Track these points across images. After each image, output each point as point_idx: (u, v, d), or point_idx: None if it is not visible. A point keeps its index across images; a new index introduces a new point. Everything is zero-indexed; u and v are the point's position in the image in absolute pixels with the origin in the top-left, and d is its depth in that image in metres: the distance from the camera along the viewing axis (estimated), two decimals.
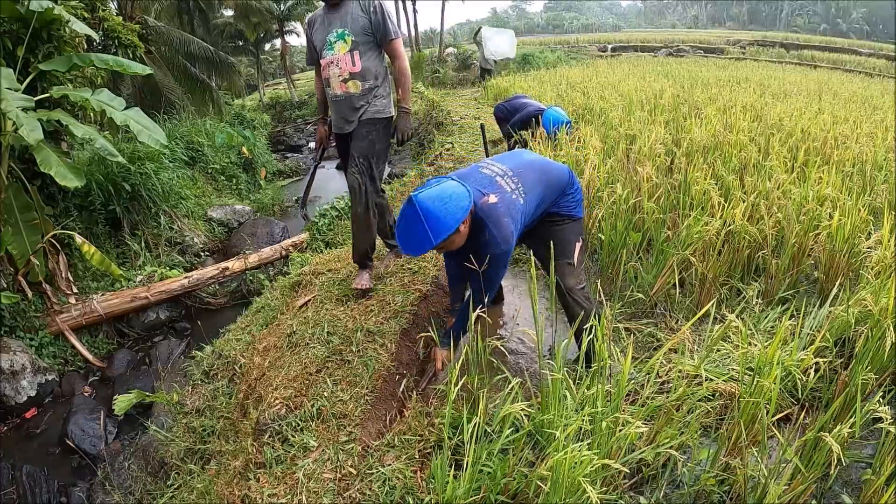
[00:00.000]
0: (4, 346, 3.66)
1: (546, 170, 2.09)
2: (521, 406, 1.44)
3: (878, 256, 2.34)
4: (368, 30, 2.53)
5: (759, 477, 1.42)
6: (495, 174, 1.96)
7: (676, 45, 23.16)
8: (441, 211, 1.72)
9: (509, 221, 1.82)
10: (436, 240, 1.71)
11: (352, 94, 2.61)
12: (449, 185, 1.80)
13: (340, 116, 2.71)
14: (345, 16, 2.54)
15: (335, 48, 2.57)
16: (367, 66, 2.59)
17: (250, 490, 1.71)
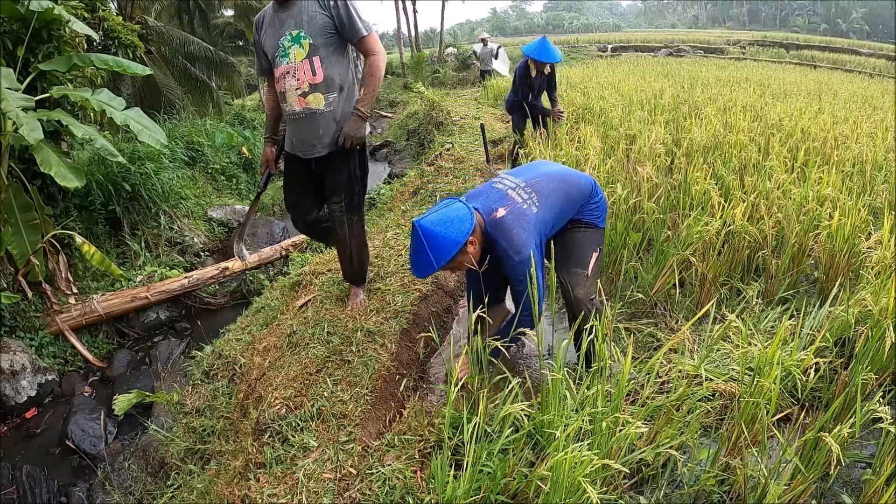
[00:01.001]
0: (4, 346, 3.66)
1: (566, 178, 2.04)
2: (522, 406, 1.44)
3: (878, 256, 2.34)
4: (330, 29, 2.13)
5: (759, 477, 1.42)
6: (507, 188, 1.94)
7: (676, 45, 23.17)
8: (441, 235, 1.74)
9: (520, 231, 1.80)
10: (438, 263, 1.74)
11: (314, 110, 2.20)
12: (452, 209, 1.81)
13: (301, 138, 2.28)
14: (299, 14, 2.12)
15: (290, 54, 2.14)
16: (331, 74, 2.17)
17: (250, 490, 1.71)
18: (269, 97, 2.42)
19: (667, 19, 78.01)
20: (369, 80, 2.21)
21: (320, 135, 2.24)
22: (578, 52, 21.52)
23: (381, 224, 4.53)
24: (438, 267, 1.76)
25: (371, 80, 2.21)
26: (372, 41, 2.18)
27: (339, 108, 2.24)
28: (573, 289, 1.94)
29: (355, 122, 2.21)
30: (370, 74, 2.20)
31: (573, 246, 2.00)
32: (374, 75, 2.20)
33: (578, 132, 4.56)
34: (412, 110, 11.36)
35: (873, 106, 7.43)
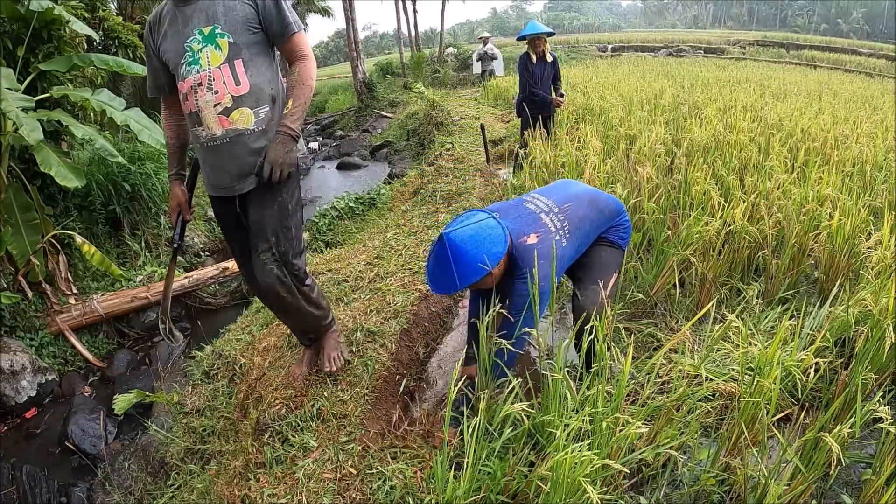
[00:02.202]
0: (4, 346, 3.66)
1: (595, 203, 1.95)
2: (522, 406, 1.44)
3: (878, 256, 2.34)
4: (254, 23, 1.68)
5: (759, 477, 1.42)
6: (540, 210, 1.84)
7: (676, 45, 23.18)
8: (472, 254, 1.62)
9: (545, 265, 1.69)
10: (462, 284, 1.64)
11: (241, 131, 1.69)
12: (485, 225, 1.69)
13: (225, 171, 1.75)
14: (211, 6, 1.65)
15: (202, 59, 1.65)
16: (259, 81, 1.71)
17: (250, 490, 1.71)
18: (169, 122, 1.91)
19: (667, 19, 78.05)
20: (299, 91, 1.72)
21: (252, 162, 1.73)
22: (578, 52, 21.52)
23: (381, 224, 4.53)
24: (462, 288, 1.65)
25: (302, 89, 1.73)
26: (303, 41, 1.76)
27: (273, 125, 1.75)
28: (587, 306, 1.86)
29: (284, 144, 1.69)
30: (301, 83, 1.73)
31: (594, 263, 1.94)
32: (306, 84, 1.73)
33: (578, 132, 4.56)
34: (412, 110, 11.36)
35: (873, 106, 7.43)
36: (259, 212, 1.77)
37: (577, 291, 1.91)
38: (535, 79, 4.80)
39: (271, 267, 1.76)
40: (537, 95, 4.79)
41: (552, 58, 4.86)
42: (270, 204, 1.76)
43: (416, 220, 4.16)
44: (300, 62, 1.76)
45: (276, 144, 1.69)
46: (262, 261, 1.76)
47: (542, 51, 4.75)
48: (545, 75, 4.83)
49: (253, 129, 1.71)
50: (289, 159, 1.70)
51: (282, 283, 1.78)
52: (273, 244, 1.76)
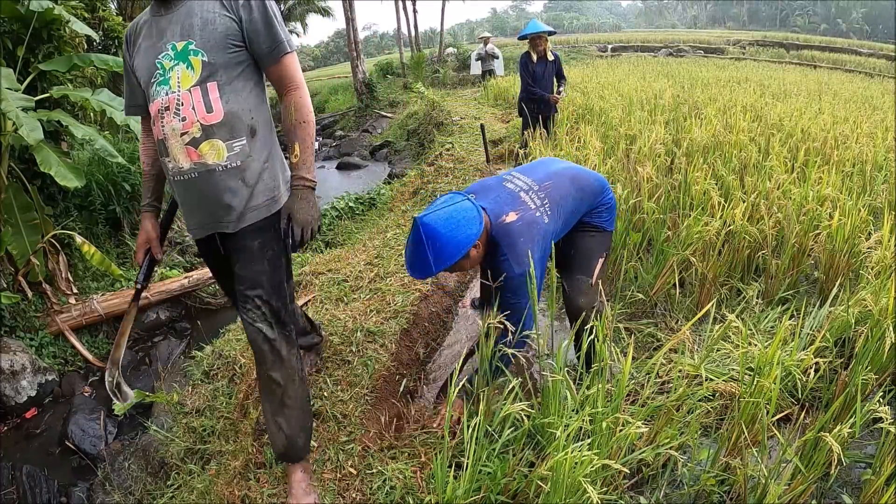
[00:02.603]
0: (4, 346, 3.66)
1: (577, 180, 1.92)
2: (522, 406, 1.44)
3: (878, 256, 2.34)
4: (236, 39, 1.43)
5: (759, 477, 1.42)
6: (519, 189, 1.82)
7: (676, 45, 23.17)
8: (446, 237, 1.60)
9: (527, 241, 1.67)
10: (437, 267, 1.62)
11: (211, 166, 1.44)
12: (460, 207, 1.67)
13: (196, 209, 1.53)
14: (188, 17, 1.42)
15: (171, 79, 1.41)
16: (237, 109, 1.44)
17: (250, 490, 1.71)
18: (146, 146, 1.68)
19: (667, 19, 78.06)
20: (303, 132, 1.48)
21: (224, 204, 1.47)
22: (578, 52, 21.52)
23: (381, 224, 4.53)
24: (437, 271, 1.65)
25: (305, 128, 1.49)
26: (294, 65, 1.50)
27: (251, 162, 1.48)
28: (576, 297, 1.88)
29: (307, 200, 1.48)
30: (301, 121, 1.48)
31: (579, 251, 1.93)
32: (308, 121, 1.49)
33: (578, 132, 4.56)
34: (412, 110, 11.36)
35: (873, 106, 7.43)
36: (247, 266, 1.52)
37: (563, 283, 1.91)
38: (536, 78, 4.81)
39: (259, 325, 1.51)
40: (536, 93, 4.80)
41: (553, 56, 4.87)
42: (259, 258, 1.52)
43: None
44: (294, 93, 1.49)
45: (300, 202, 1.47)
46: (251, 317, 1.51)
47: (543, 50, 4.76)
48: (546, 74, 4.85)
49: (225, 166, 1.44)
50: (316, 214, 1.50)
51: (271, 346, 1.52)
52: (263, 302, 1.51)
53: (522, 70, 4.84)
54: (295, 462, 1.62)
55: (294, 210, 1.48)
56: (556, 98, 4.90)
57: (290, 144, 1.50)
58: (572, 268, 1.93)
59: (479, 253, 1.71)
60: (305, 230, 1.49)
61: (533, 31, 4.74)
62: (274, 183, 1.54)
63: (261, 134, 1.52)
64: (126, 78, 1.61)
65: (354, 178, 9.72)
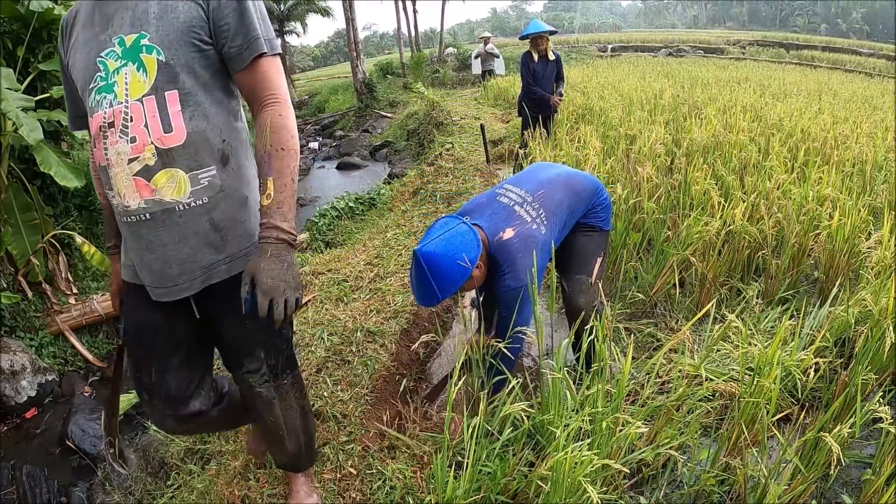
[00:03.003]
0: (4, 347, 3.66)
1: (571, 183, 1.94)
2: (522, 406, 1.44)
3: (878, 256, 2.34)
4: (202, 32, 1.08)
5: (759, 477, 1.42)
6: (514, 203, 1.82)
7: (676, 45, 23.17)
8: (446, 265, 1.61)
9: (525, 256, 1.68)
10: (443, 294, 1.64)
11: (170, 205, 1.09)
12: (456, 233, 1.67)
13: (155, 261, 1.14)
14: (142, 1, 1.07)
15: (116, 85, 1.06)
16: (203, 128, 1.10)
17: (250, 490, 1.71)
18: (95, 172, 1.28)
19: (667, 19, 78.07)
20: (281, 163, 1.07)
21: (187, 254, 1.13)
22: (578, 52, 21.52)
23: (381, 224, 4.53)
24: (444, 298, 1.66)
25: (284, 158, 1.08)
26: (275, 70, 1.12)
27: (223, 199, 1.14)
28: (575, 297, 1.89)
29: (278, 259, 1.04)
30: (279, 147, 1.07)
31: (577, 252, 1.94)
32: (287, 147, 1.08)
33: (578, 132, 4.56)
34: (412, 110, 11.36)
35: (873, 106, 7.43)
36: (237, 325, 1.20)
37: (563, 283, 1.92)
38: (536, 77, 4.82)
39: (260, 390, 1.27)
40: (536, 93, 4.81)
41: (555, 56, 4.87)
42: (249, 322, 1.18)
43: (416, 221, 4.16)
44: (271, 110, 1.09)
45: (269, 262, 1.03)
46: (250, 381, 1.27)
47: (545, 49, 4.76)
48: (546, 74, 4.85)
49: (188, 204, 1.09)
50: (292, 281, 1.05)
51: (268, 405, 1.29)
52: (262, 362, 1.25)
53: (523, 69, 4.85)
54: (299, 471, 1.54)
55: (260, 272, 1.02)
56: (557, 101, 4.90)
57: (261, 179, 1.08)
58: (571, 268, 1.94)
59: (482, 273, 1.72)
60: (277, 302, 1.02)
61: (534, 31, 4.74)
62: (254, 225, 1.16)
63: (235, 162, 1.16)
64: (63, 82, 1.25)
65: (354, 178, 9.72)
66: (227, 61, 1.13)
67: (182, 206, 1.10)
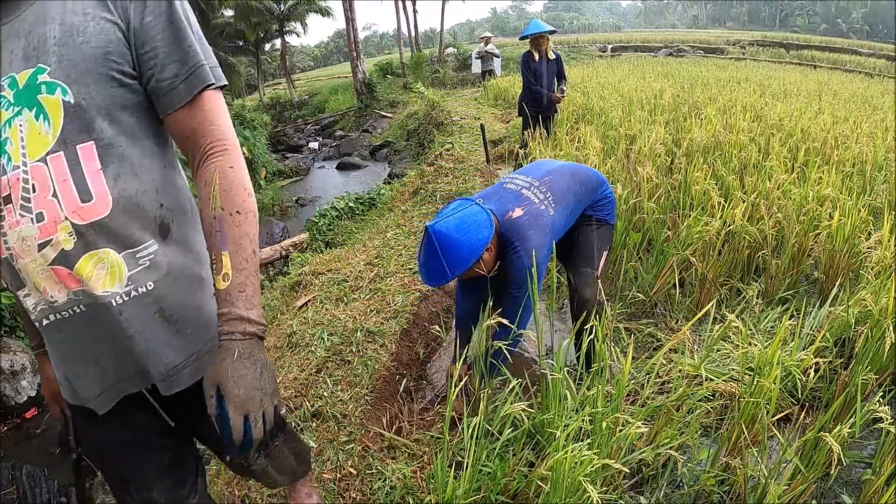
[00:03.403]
0: (4, 347, 3.66)
1: (576, 175, 1.98)
2: (522, 406, 1.44)
3: (878, 256, 2.34)
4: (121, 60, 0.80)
5: (759, 477, 1.42)
6: (521, 187, 1.85)
7: (676, 45, 23.17)
8: (458, 243, 1.61)
9: (536, 233, 1.70)
10: (452, 273, 1.63)
11: (104, 296, 0.82)
12: (469, 213, 1.69)
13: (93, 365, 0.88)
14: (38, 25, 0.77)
15: (10, 143, 0.76)
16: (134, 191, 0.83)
17: (250, 490, 1.71)
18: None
19: (667, 19, 78.06)
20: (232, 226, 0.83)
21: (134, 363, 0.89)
22: (578, 52, 21.52)
23: (381, 224, 4.53)
24: (453, 277, 1.65)
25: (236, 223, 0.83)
26: (218, 108, 0.86)
27: (170, 283, 0.89)
28: (583, 290, 1.90)
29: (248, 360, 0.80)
30: (233, 209, 0.83)
31: (584, 244, 1.96)
32: (244, 210, 0.84)
33: (578, 132, 4.56)
34: (412, 110, 11.37)
35: (873, 106, 7.43)
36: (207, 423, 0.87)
37: (570, 276, 1.94)
38: (538, 76, 4.83)
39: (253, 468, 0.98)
40: (538, 92, 4.81)
41: (555, 56, 4.88)
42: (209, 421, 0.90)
43: (416, 221, 4.16)
44: (219, 159, 0.84)
45: (236, 365, 0.78)
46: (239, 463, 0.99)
47: (545, 49, 4.77)
48: (548, 73, 4.86)
49: (127, 294, 0.84)
50: (268, 386, 0.81)
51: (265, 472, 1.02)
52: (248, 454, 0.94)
53: (524, 69, 4.86)
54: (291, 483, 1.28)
55: (228, 381, 0.78)
56: (559, 97, 4.91)
57: (212, 253, 0.82)
58: (578, 261, 1.96)
59: (491, 256, 1.72)
60: (255, 418, 0.79)
61: (535, 32, 4.74)
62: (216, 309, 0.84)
63: (179, 231, 0.92)
64: None
65: (354, 178, 9.73)
66: (155, 98, 0.84)
67: (119, 299, 0.83)
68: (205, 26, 16.00)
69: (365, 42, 61.42)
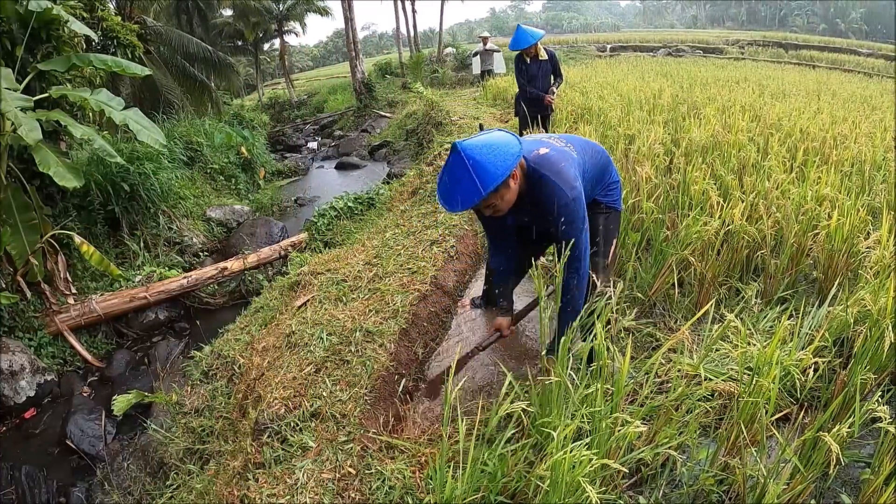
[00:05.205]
0: (3, 347, 3.65)
1: (589, 142, 2.05)
2: (522, 406, 1.44)
3: (877, 256, 2.34)
4: None
5: (758, 476, 1.42)
6: (540, 138, 1.90)
7: (675, 45, 23.16)
8: (490, 157, 1.57)
9: (568, 167, 1.70)
10: (485, 190, 1.56)
11: None
12: (497, 134, 1.68)
13: None
14: None
15: None
16: None
17: (249, 490, 1.71)
18: None
19: (665, 19, 78.07)
20: None
21: None
22: (577, 51, 21.51)
23: (380, 224, 4.53)
24: (485, 195, 1.57)
25: None
26: None
27: None
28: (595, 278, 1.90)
29: None
30: None
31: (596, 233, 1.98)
32: None
33: (577, 132, 4.56)
34: (411, 110, 11.36)
35: (872, 106, 7.44)
36: None
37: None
38: (531, 77, 4.88)
39: None
40: (531, 93, 4.85)
41: (548, 55, 4.88)
42: None
43: (414, 220, 4.16)
44: None
45: None
46: None
47: (534, 52, 4.79)
48: (541, 73, 4.89)
49: None
50: None
51: None
52: None
53: (517, 72, 4.92)
54: None
55: None
56: (550, 99, 4.92)
57: None
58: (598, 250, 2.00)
59: (516, 185, 1.70)
60: None
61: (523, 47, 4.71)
62: None
63: None
64: None
65: (353, 177, 9.72)
66: None
67: None
68: (204, 26, 15.99)
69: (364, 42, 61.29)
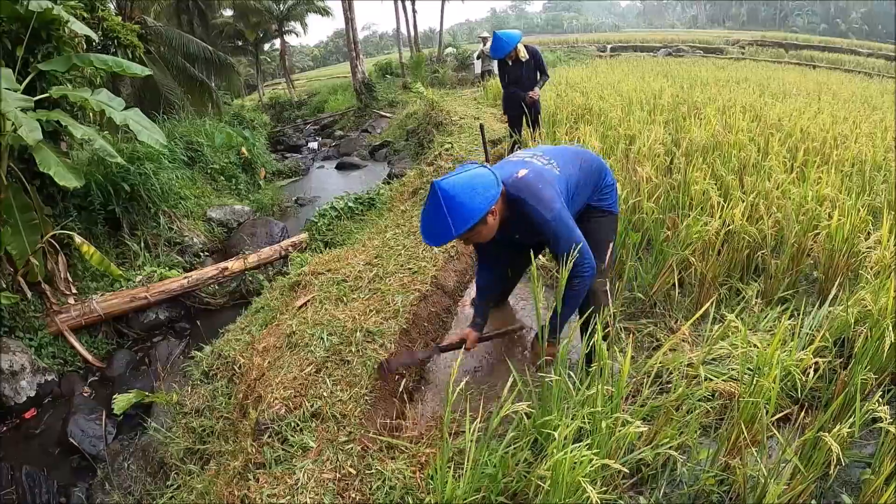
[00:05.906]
0: (4, 347, 3.65)
1: (579, 152, 2.06)
2: (522, 406, 1.44)
3: (878, 256, 2.34)
4: None
5: (758, 477, 1.42)
6: (523, 158, 1.92)
7: (675, 45, 23.16)
8: (464, 199, 1.60)
9: (545, 187, 1.73)
10: (457, 230, 1.61)
11: None
12: (477, 173, 1.70)
13: None
14: None
15: None
16: None
17: (250, 490, 1.71)
18: None
19: (666, 19, 78.06)
20: None
21: None
22: (578, 52, 21.51)
23: (381, 224, 4.53)
24: (456, 235, 1.62)
25: None
26: None
27: None
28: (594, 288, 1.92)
29: None
30: None
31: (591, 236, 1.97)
32: None
33: (578, 132, 4.56)
34: (411, 110, 11.36)
35: (872, 106, 7.43)
36: None
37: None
38: (515, 79, 4.99)
39: None
40: (514, 93, 5.00)
41: (529, 55, 4.90)
42: None
43: (415, 221, 4.16)
44: None
45: None
46: None
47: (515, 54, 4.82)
48: (524, 73, 4.96)
49: None
50: None
51: None
52: None
53: (500, 75, 5.03)
54: None
55: None
56: (532, 99, 4.96)
57: None
58: None
59: (495, 220, 1.73)
60: None
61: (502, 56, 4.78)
62: None
63: None
64: None
65: (354, 177, 9.72)
66: None
67: None
68: (204, 26, 15.99)
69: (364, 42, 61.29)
